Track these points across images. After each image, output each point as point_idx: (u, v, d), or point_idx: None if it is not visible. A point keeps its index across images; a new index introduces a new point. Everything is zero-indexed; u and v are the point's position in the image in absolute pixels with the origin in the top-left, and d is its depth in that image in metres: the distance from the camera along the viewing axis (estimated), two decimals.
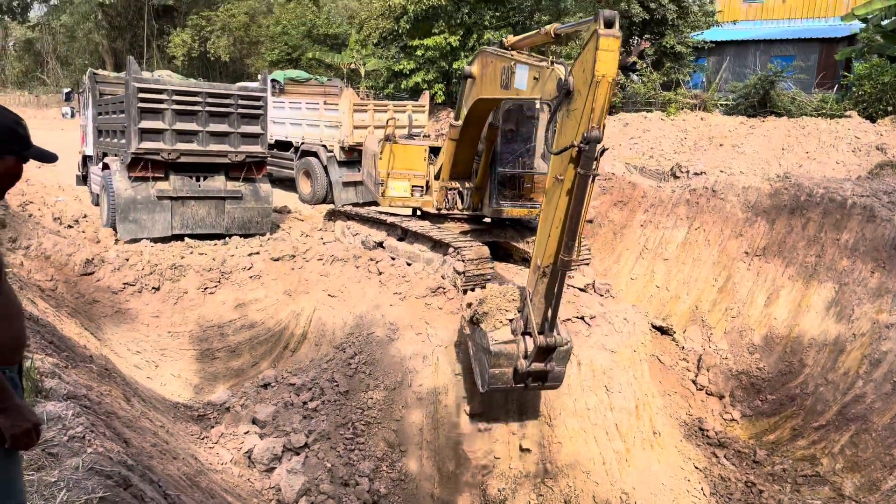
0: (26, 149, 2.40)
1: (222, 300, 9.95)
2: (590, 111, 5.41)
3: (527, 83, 6.65)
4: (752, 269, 11.37)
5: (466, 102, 8.58)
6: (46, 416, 3.45)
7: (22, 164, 2.42)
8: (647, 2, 22.04)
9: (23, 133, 2.40)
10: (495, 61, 7.56)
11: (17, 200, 11.79)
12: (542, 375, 6.59)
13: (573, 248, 5.78)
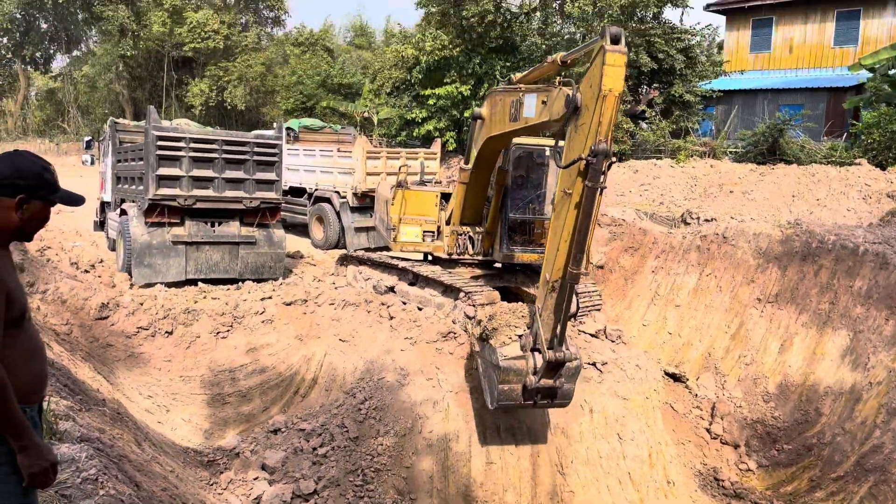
0: (53, 193, 2.50)
1: (234, 345, 9.99)
2: (597, 125, 5.53)
3: (535, 109, 6.78)
4: (764, 316, 11.30)
5: (476, 144, 8.74)
6: (60, 458, 3.48)
7: (49, 208, 2.51)
8: (656, 52, 22.44)
9: (50, 178, 2.50)
10: (504, 97, 7.74)
11: (35, 245, 11.99)
12: (552, 392, 6.56)
13: (581, 261, 5.82)
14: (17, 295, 2.38)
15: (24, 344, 2.44)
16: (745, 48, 27.46)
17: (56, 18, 47.16)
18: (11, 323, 2.37)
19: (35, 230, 2.54)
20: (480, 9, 23.99)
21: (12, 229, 2.45)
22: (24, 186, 2.42)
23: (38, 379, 2.53)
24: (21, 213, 2.43)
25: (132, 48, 41.83)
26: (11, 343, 2.38)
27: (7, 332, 2.34)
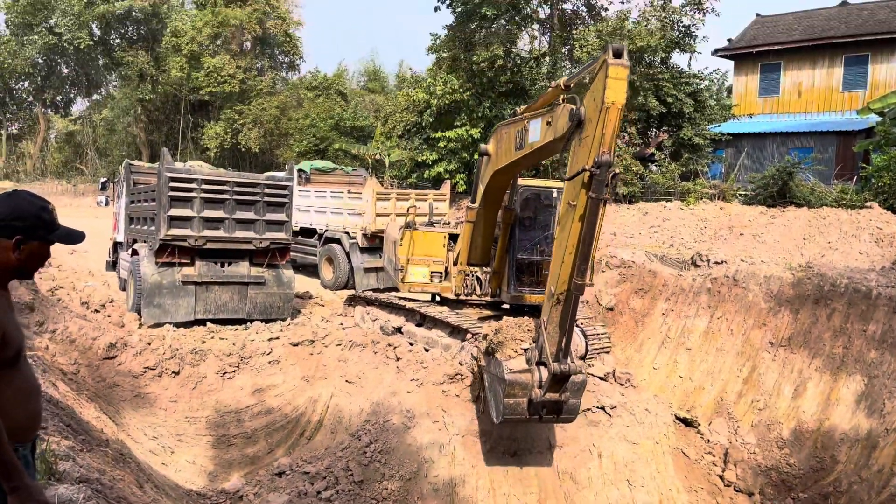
0: (51, 233, 2.53)
1: (240, 385, 9.94)
2: (600, 136, 5.63)
3: (540, 132, 6.88)
4: (777, 360, 11.15)
5: (483, 180, 8.80)
6: (58, 499, 3.45)
7: (48, 247, 2.54)
8: (665, 96, 22.66)
9: (48, 218, 2.53)
10: (509, 129, 7.85)
11: (47, 285, 12.09)
12: (557, 407, 6.52)
13: (586, 271, 5.88)
14: (12, 335, 2.39)
15: (18, 383, 2.44)
16: (754, 92, 27.67)
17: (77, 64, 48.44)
18: (7, 362, 2.38)
19: (35, 269, 2.57)
20: (490, 54, 24.40)
21: (10, 269, 2.48)
22: (22, 227, 2.45)
23: (33, 418, 2.53)
24: (18, 254, 2.46)
25: (150, 92, 42.79)
26: (7, 382, 2.38)
27: (2, 371, 2.35)
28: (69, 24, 43.72)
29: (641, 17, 23.15)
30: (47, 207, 2.56)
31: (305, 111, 37.08)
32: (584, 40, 22.39)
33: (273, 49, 43.62)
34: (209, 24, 37.90)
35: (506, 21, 26.71)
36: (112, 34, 47.13)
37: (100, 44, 46.78)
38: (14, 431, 2.39)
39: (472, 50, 25.39)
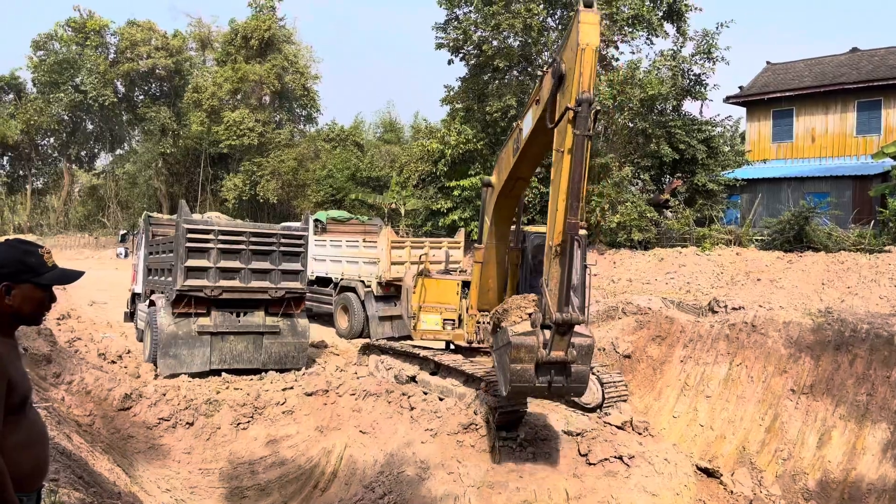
0: (37, 276, 2.54)
1: (254, 436, 9.88)
2: (579, 76, 5.95)
3: (532, 117, 7.17)
4: (800, 408, 10.90)
5: (488, 212, 8.88)
6: None
7: (42, 290, 2.56)
8: (677, 143, 22.84)
9: (33, 262, 2.55)
10: (507, 144, 8.08)
11: (65, 336, 12.20)
12: (564, 369, 6.43)
13: (577, 209, 6.01)
14: (18, 382, 2.43)
15: (25, 430, 2.47)
16: (767, 138, 27.79)
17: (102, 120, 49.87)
18: (12, 409, 2.40)
19: (35, 313, 2.59)
20: (503, 104, 24.81)
21: (8, 315, 2.51)
22: (7, 273, 2.49)
23: (38, 466, 2.53)
24: (10, 299, 2.49)
25: (172, 146, 43.85)
26: (12, 430, 2.40)
27: (8, 418, 2.38)
28: (94, 82, 45.19)
29: (652, 66, 23.51)
30: (33, 251, 2.58)
31: (323, 162, 37.70)
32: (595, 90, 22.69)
33: (291, 102, 44.66)
34: (229, 80, 38.97)
35: (518, 72, 27.24)
36: (136, 91, 48.64)
37: (124, 100, 48.24)
38: (19, 480, 2.40)
39: (486, 100, 25.84)
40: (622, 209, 21.51)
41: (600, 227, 22.18)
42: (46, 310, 2.65)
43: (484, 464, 7.97)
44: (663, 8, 24.78)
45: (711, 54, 23.39)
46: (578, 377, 6.58)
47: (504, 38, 25.19)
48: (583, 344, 6.46)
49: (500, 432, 8.53)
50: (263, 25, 39.78)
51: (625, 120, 23.30)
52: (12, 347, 2.50)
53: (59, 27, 47.00)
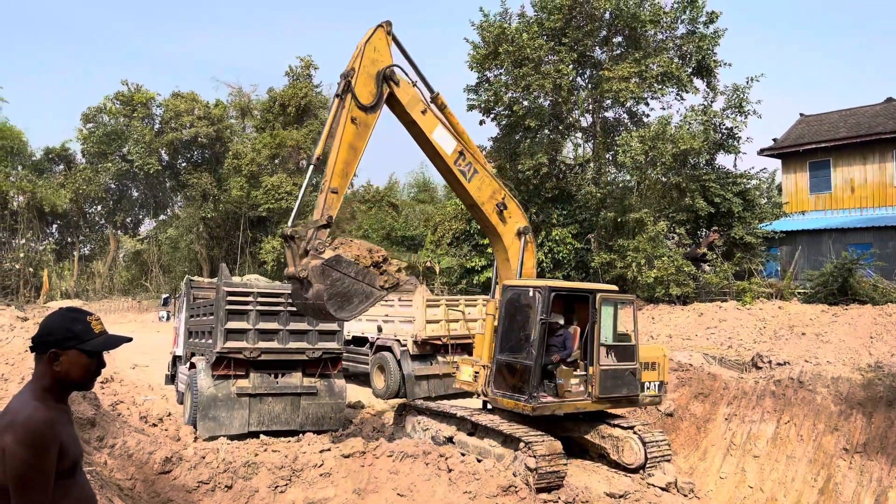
0: (82, 343, 2.61)
1: (292, 499, 9.78)
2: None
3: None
4: (854, 468, 10.45)
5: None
6: None
7: (89, 357, 2.62)
8: (712, 196, 22.72)
9: (79, 329, 2.62)
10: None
11: (108, 400, 12.40)
12: (304, 284, 8.13)
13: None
14: (69, 447, 2.50)
15: (74, 495, 2.53)
16: (805, 189, 27.48)
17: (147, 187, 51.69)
18: (63, 474, 2.47)
19: (84, 379, 2.65)
20: (535, 162, 25.09)
21: (61, 382, 2.60)
22: (53, 341, 2.58)
23: None
24: (58, 366, 2.58)
25: (212, 210, 45.08)
26: (64, 493, 2.47)
27: (60, 482, 2.45)
28: (140, 152, 47.06)
29: (683, 121, 23.64)
30: (80, 318, 2.65)
31: (359, 223, 38.30)
32: (626, 146, 22.88)
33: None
34: (268, 146, 40.21)
35: (549, 131, 27.60)
36: (179, 158, 50.46)
37: (167, 168, 50.04)
38: None
39: (518, 159, 26.17)
40: (659, 264, 21.33)
41: (637, 282, 21.97)
42: (95, 375, 2.71)
43: None
44: (692, 64, 25.06)
45: (743, 108, 23.45)
46: (316, 293, 7.97)
47: (534, 98, 25.66)
48: (315, 265, 8.04)
49: (540, 494, 8.34)
50: (300, 93, 41.20)
51: (657, 175, 23.33)
52: (64, 412, 2.59)
53: (107, 100, 49.35)
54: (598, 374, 9.58)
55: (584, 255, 25.46)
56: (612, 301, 10.13)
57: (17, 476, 2.34)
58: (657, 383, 10.32)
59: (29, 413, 2.42)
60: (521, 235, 10.35)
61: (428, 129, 9.46)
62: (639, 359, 10.08)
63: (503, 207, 9.98)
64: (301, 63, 43.09)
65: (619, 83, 23.71)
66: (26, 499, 2.33)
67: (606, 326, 9.96)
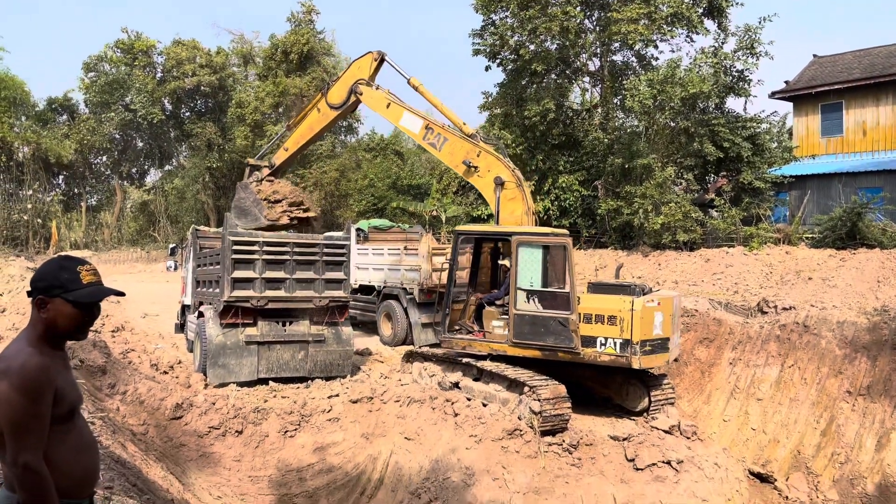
0: (68, 291, 2.57)
1: (302, 443, 10.01)
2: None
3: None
4: (857, 410, 10.56)
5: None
6: None
7: (74, 306, 2.57)
8: (721, 141, 22.39)
9: (65, 278, 2.58)
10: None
11: (119, 348, 12.57)
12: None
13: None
14: (65, 391, 2.52)
15: (73, 438, 2.56)
16: (816, 133, 27.03)
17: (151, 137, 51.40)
18: (61, 419, 2.50)
19: (70, 329, 2.61)
20: (542, 108, 24.71)
21: (52, 329, 2.58)
22: (41, 288, 2.57)
23: (88, 473, 2.62)
24: (45, 313, 2.57)
25: (217, 160, 44.87)
26: (62, 438, 2.50)
27: (56, 427, 2.47)
28: (143, 101, 46.63)
29: (693, 64, 23.13)
30: (69, 267, 2.61)
31: (364, 172, 38.10)
32: (634, 90, 22.46)
33: None
34: (271, 95, 39.72)
35: (556, 75, 27.11)
36: (182, 108, 50.00)
37: (171, 117, 49.65)
38: (69, 487, 2.49)
39: (524, 105, 25.78)
40: (666, 210, 21.18)
41: (643, 228, 21.87)
42: (84, 326, 2.66)
43: (529, 469, 7.93)
44: (703, 4, 24.37)
45: (754, 49, 22.87)
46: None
47: (541, 42, 25.11)
48: (238, 184, 12.97)
49: (545, 437, 8.48)
50: (302, 39, 40.46)
51: (666, 119, 22.96)
52: (60, 358, 2.59)
53: (108, 49, 48.69)
54: (513, 319, 9.44)
55: (591, 202, 25.30)
56: (536, 244, 9.57)
57: (11, 422, 2.37)
58: (619, 341, 8.84)
59: (23, 359, 2.43)
60: (499, 186, 10.34)
61: (394, 120, 11.99)
62: (574, 308, 9.05)
63: (472, 166, 10.79)
64: (303, 8, 42.18)
65: (627, 25, 23.14)
66: (21, 444, 2.36)
67: (530, 270, 9.48)
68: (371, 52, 12.26)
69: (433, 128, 11.32)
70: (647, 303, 8.89)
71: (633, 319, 8.77)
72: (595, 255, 23.37)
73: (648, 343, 8.86)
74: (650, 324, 8.87)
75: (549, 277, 9.54)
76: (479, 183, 10.89)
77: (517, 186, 10.40)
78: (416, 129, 11.55)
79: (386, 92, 12.04)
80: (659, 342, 9.01)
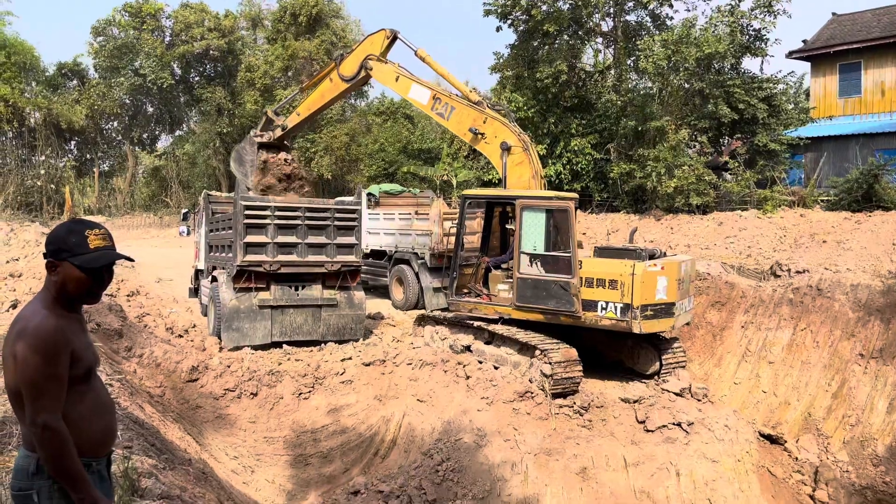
0: (73, 256, 2.56)
1: (316, 405, 10.16)
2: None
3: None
4: (869, 373, 10.56)
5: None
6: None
7: (81, 270, 2.57)
8: (736, 102, 22.03)
9: (73, 242, 2.58)
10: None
11: (135, 312, 12.74)
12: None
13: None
14: (82, 353, 2.55)
15: (91, 398, 2.60)
16: (833, 93, 26.54)
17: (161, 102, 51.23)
18: (78, 379, 2.53)
19: (79, 292, 2.61)
20: (554, 70, 24.37)
21: (66, 293, 2.59)
22: (50, 251, 2.59)
23: (106, 432, 2.67)
24: (55, 276, 2.58)
25: (228, 125, 44.73)
26: (79, 398, 2.54)
27: (74, 388, 2.51)
28: (152, 66, 46.37)
29: (709, 23, 22.66)
30: (77, 231, 2.61)
31: (374, 136, 37.88)
32: (648, 51, 22.08)
33: None
34: (280, 58, 39.37)
35: (568, 36, 26.67)
36: (191, 73, 49.70)
37: (181, 82, 49.39)
38: (87, 446, 2.54)
39: (536, 67, 25.44)
40: (679, 173, 20.98)
41: (656, 191, 21.70)
42: (95, 289, 2.66)
43: (541, 431, 8.02)
44: None
45: (772, 7, 22.35)
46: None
47: (553, 2, 24.64)
48: (248, 136, 13.94)
49: (556, 400, 8.56)
50: (311, 1, 39.92)
51: (680, 81, 22.60)
52: (76, 320, 2.62)
53: (116, 12, 48.26)
54: (517, 283, 9.50)
55: (604, 165, 25.08)
56: (539, 208, 9.54)
57: (29, 383, 2.40)
58: (619, 305, 8.81)
59: (39, 321, 2.46)
60: (506, 151, 10.28)
61: (403, 92, 12.19)
62: (576, 272, 9.05)
63: (478, 133, 10.86)
64: None
65: None
66: (39, 404, 2.40)
67: (534, 234, 9.49)
68: (384, 30, 12.41)
69: (441, 97, 11.45)
70: (650, 267, 8.76)
71: (634, 284, 8.71)
72: (607, 219, 23.26)
73: (650, 308, 8.77)
74: (652, 288, 8.76)
75: (553, 241, 9.53)
76: (487, 149, 10.90)
77: (524, 151, 10.32)
78: (424, 101, 11.68)
79: (395, 66, 12.15)
80: (662, 307, 8.88)
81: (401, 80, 12.02)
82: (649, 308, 8.79)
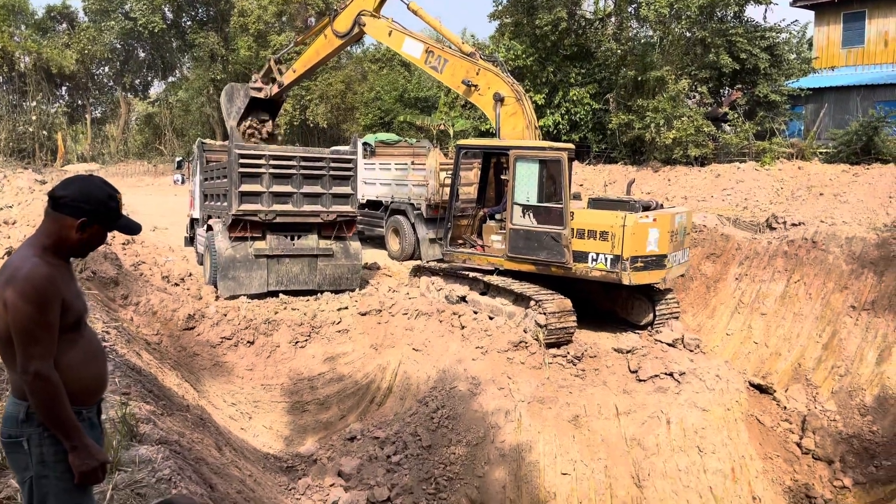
0: (113, 222, 2.68)
1: (312, 354, 10.26)
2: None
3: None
4: (859, 325, 10.68)
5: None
6: (138, 459, 3.69)
7: (106, 233, 2.70)
8: (738, 52, 21.68)
9: (114, 207, 2.67)
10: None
11: (130, 260, 12.72)
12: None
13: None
14: (72, 302, 2.54)
15: (82, 346, 2.61)
16: (836, 43, 26.10)
17: (153, 47, 50.23)
18: (68, 328, 2.53)
19: (90, 250, 2.72)
20: (554, 17, 23.87)
21: (71, 247, 2.61)
22: (88, 210, 2.58)
23: (97, 380, 2.69)
24: (81, 234, 2.59)
25: (222, 72, 43.98)
26: (70, 347, 2.54)
27: (64, 336, 2.51)
28: (143, 9, 45.30)
29: None
30: (115, 196, 2.69)
31: (370, 84, 37.30)
32: None
33: None
34: (274, 3, 38.44)
35: None
36: (183, 17, 48.59)
37: (172, 27, 48.31)
38: (79, 394, 2.55)
39: (535, 14, 24.89)
40: (678, 124, 20.77)
41: (655, 143, 21.53)
42: (97, 247, 2.80)
43: (534, 380, 8.13)
44: None
45: None
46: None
47: None
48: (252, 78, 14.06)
49: (550, 350, 8.65)
50: None
51: (682, 29, 22.18)
52: (66, 269, 2.61)
53: None
54: (509, 233, 9.55)
55: (602, 115, 24.81)
56: (532, 159, 9.48)
57: (21, 330, 2.40)
58: (609, 257, 8.78)
59: (29, 268, 2.44)
60: (499, 102, 10.15)
61: (396, 47, 12.11)
62: (567, 223, 9.03)
63: (471, 85, 10.76)
64: None
65: None
66: (31, 351, 2.40)
67: (527, 185, 9.47)
68: None
69: (434, 51, 11.36)
70: (641, 219, 8.71)
71: (625, 235, 8.67)
72: (605, 171, 23.13)
73: (640, 259, 8.74)
74: (643, 240, 8.72)
75: (546, 192, 9.48)
76: (481, 101, 10.79)
77: (517, 101, 10.18)
78: (417, 55, 11.59)
79: (388, 21, 12.06)
80: (653, 259, 8.83)
81: (394, 34, 11.95)
82: (640, 259, 8.76)
